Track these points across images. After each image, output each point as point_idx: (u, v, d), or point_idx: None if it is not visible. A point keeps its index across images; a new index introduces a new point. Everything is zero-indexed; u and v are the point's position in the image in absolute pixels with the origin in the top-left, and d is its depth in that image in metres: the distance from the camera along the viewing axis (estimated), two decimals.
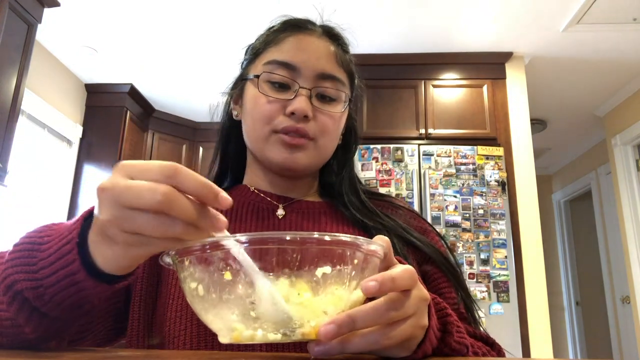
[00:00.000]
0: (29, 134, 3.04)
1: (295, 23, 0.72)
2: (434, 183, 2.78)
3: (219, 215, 0.38)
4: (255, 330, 0.37)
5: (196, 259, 0.38)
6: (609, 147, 3.80)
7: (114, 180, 0.36)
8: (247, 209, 0.71)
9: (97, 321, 0.59)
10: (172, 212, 0.35)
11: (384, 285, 0.37)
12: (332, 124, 0.69)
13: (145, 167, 0.36)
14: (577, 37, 2.89)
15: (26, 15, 2.28)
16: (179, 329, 0.57)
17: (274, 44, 0.70)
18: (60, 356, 0.42)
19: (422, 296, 0.41)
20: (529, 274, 2.75)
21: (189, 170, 0.36)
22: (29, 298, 0.42)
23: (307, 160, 0.68)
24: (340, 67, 0.70)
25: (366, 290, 0.36)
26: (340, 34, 0.75)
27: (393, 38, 2.98)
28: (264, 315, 0.36)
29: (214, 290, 0.37)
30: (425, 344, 0.42)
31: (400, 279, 0.38)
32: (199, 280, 0.38)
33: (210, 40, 2.99)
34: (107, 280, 0.42)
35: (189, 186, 0.36)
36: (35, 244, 0.43)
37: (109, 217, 0.36)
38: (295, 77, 0.67)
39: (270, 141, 0.67)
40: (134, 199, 0.35)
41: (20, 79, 2.27)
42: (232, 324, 0.38)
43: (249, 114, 0.70)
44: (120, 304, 0.62)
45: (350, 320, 0.36)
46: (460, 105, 3.06)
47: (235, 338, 0.38)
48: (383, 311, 0.37)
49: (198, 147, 4.24)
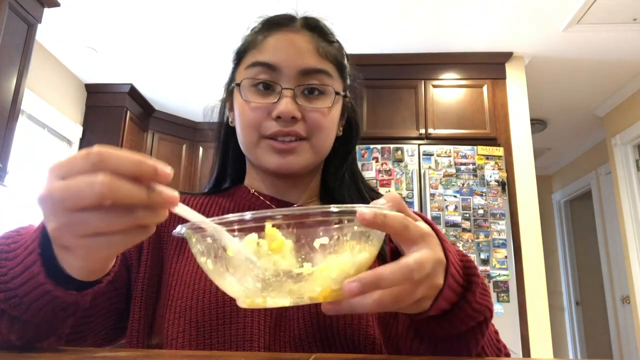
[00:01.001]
0: (29, 134, 3.04)
1: (274, 21, 0.70)
2: (434, 183, 2.78)
3: (167, 189, 0.36)
4: (265, 298, 0.39)
5: (201, 236, 0.40)
6: (609, 147, 3.79)
7: (48, 186, 0.34)
8: (246, 211, 0.70)
9: (97, 320, 0.58)
10: (118, 199, 0.33)
11: (377, 218, 0.37)
12: (323, 120, 0.67)
13: (71, 162, 0.34)
14: (577, 37, 2.89)
15: (26, 15, 2.28)
16: (177, 330, 0.57)
17: (253, 47, 0.69)
18: (60, 356, 0.42)
19: (437, 258, 0.40)
20: (529, 274, 2.75)
21: (114, 150, 0.34)
22: (5, 308, 0.42)
23: (303, 162, 0.67)
24: (324, 59, 0.68)
25: (361, 219, 0.37)
26: (322, 24, 0.72)
27: (393, 38, 2.98)
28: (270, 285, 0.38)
29: (220, 265, 0.40)
30: (438, 302, 0.42)
31: (392, 220, 0.38)
32: (207, 255, 0.40)
33: (210, 40, 2.99)
34: (79, 287, 0.41)
35: (123, 167, 0.33)
36: (3, 253, 0.42)
37: (58, 225, 0.34)
38: (278, 78, 0.65)
39: (261, 147, 0.66)
40: (76, 200, 0.33)
41: (20, 79, 2.27)
42: (244, 293, 0.40)
43: (238, 122, 0.69)
44: (121, 303, 0.62)
45: (375, 280, 0.36)
46: (460, 105, 3.06)
47: (249, 304, 0.40)
48: (407, 271, 0.37)
49: (198, 147, 4.24)
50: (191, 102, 3.86)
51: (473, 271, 0.46)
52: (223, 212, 0.70)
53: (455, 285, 0.43)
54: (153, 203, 0.34)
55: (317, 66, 0.67)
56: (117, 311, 0.61)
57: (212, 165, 0.80)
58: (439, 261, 0.41)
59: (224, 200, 0.73)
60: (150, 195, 0.34)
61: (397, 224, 0.39)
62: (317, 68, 0.67)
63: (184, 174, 4.13)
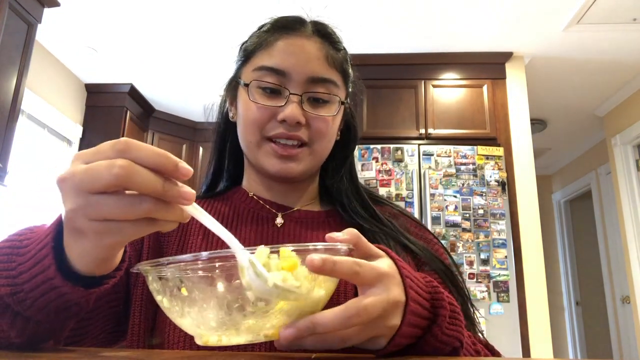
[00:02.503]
0: (29, 134, 3.04)
1: (285, 24, 0.70)
2: (434, 183, 2.78)
3: (185, 186, 0.37)
4: (220, 336, 0.39)
5: (157, 275, 0.40)
6: (609, 147, 3.79)
7: (71, 169, 0.35)
8: (247, 216, 0.70)
9: (96, 324, 0.58)
10: (134, 184, 0.34)
11: (325, 265, 0.37)
12: (326, 128, 0.68)
13: (98, 149, 0.36)
14: (577, 37, 2.89)
15: (26, 15, 2.28)
16: (179, 335, 0.56)
17: (263, 48, 0.69)
18: (60, 356, 0.42)
19: (390, 299, 0.41)
20: (529, 274, 2.75)
21: (141, 143, 0.35)
22: (10, 303, 0.42)
23: (303, 168, 0.68)
24: (332, 68, 0.68)
25: (310, 265, 0.37)
26: (332, 31, 0.72)
27: (393, 38, 2.98)
28: (224, 324, 0.39)
29: (175, 303, 0.40)
30: (395, 340, 0.42)
31: (342, 266, 0.38)
32: (162, 294, 0.41)
33: (210, 40, 2.99)
34: (88, 284, 0.42)
35: (145, 157, 0.34)
36: (14, 248, 0.42)
37: (74, 207, 0.35)
38: (286, 83, 0.66)
39: (263, 149, 0.67)
40: (94, 181, 0.34)
41: (20, 79, 2.27)
42: (198, 332, 0.41)
43: (241, 119, 0.69)
44: (120, 307, 0.61)
45: (311, 326, 0.37)
46: (460, 105, 3.06)
47: (205, 342, 0.40)
48: (344, 318, 0.38)
49: (198, 147, 4.24)
50: (191, 102, 3.86)
51: (440, 303, 0.46)
52: (221, 217, 0.70)
53: (417, 320, 0.43)
54: (167, 195, 0.35)
55: (325, 75, 0.67)
56: (116, 315, 0.61)
57: (210, 160, 0.79)
58: (394, 303, 0.41)
59: (221, 204, 0.73)
60: (165, 187, 0.35)
61: (346, 270, 0.39)
62: (324, 77, 0.67)
63: None
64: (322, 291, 0.41)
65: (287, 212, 0.72)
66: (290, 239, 0.67)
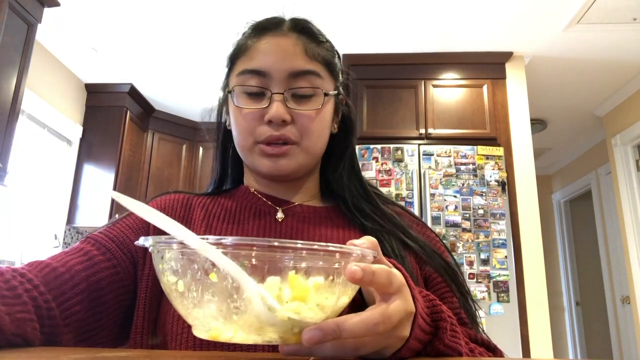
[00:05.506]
0: (29, 134, 3.04)
1: (263, 25, 0.70)
2: (434, 183, 2.78)
3: None
4: (236, 331, 0.36)
5: (180, 253, 0.36)
6: (609, 147, 3.80)
7: None
8: (248, 211, 0.71)
9: (106, 318, 0.58)
10: None
11: (365, 275, 0.37)
12: (312, 123, 0.67)
13: None
14: (577, 37, 2.89)
15: (26, 15, 2.28)
16: (181, 327, 0.56)
17: (243, 53, 0.69)
18: (60, 356, 0.42)
19: (406, 309, 0.41)
20: (529, 274, 2.75)
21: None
22: None
23: (295, 164, 0.68)
24: (313, 60, 0.68)
25: (351, 276, 0.36)
26: (310, 25, 0.72)
27: (393, 38, 2.98)
28: (251, 319, 0.35)
29: (195, 289, 0.36)
30: (401, 352, 0.42)
31: (379, 276, 0.38)
32: (180, 275, 0.36)
33: (210, 40, 2.99)
34: None
35: None
36: None
37: None
38: (267, 83, 0.66)
39: (255, 152, 0.68)
40: None
41: (20, 79, 2.27)
42: (211, 324, 0.37)
43: (233, 127, 0.70)
44: (129, 300, 0.61)
45: (337, 330, 0.36)
46: (460, 105, 3.06)
47: (213, 336, 0.37)
48: (371, 325, 0.37)
49: (198, 147, 4.24)
50: (191, 102, 3.86)
51: (440, 315, 0.46)
52: (226, 211, 0.71)
53: (421, 335, 0.44)
54: None
55: (305, 68, 0.67)
56: (125, 307, 0.61)
57: (213, 167, 0.81)
58: (409, 313, 0.41)
59: (226, 200, 0.74)
60: None
61: (383, 280, 0.39)
62: (305, 69, 0.67)
63: (184, 174, 4.13)
64: (346, 298, 0.39)
65: (288, 207, 0.72)
66: (290, 234, 0.68)
